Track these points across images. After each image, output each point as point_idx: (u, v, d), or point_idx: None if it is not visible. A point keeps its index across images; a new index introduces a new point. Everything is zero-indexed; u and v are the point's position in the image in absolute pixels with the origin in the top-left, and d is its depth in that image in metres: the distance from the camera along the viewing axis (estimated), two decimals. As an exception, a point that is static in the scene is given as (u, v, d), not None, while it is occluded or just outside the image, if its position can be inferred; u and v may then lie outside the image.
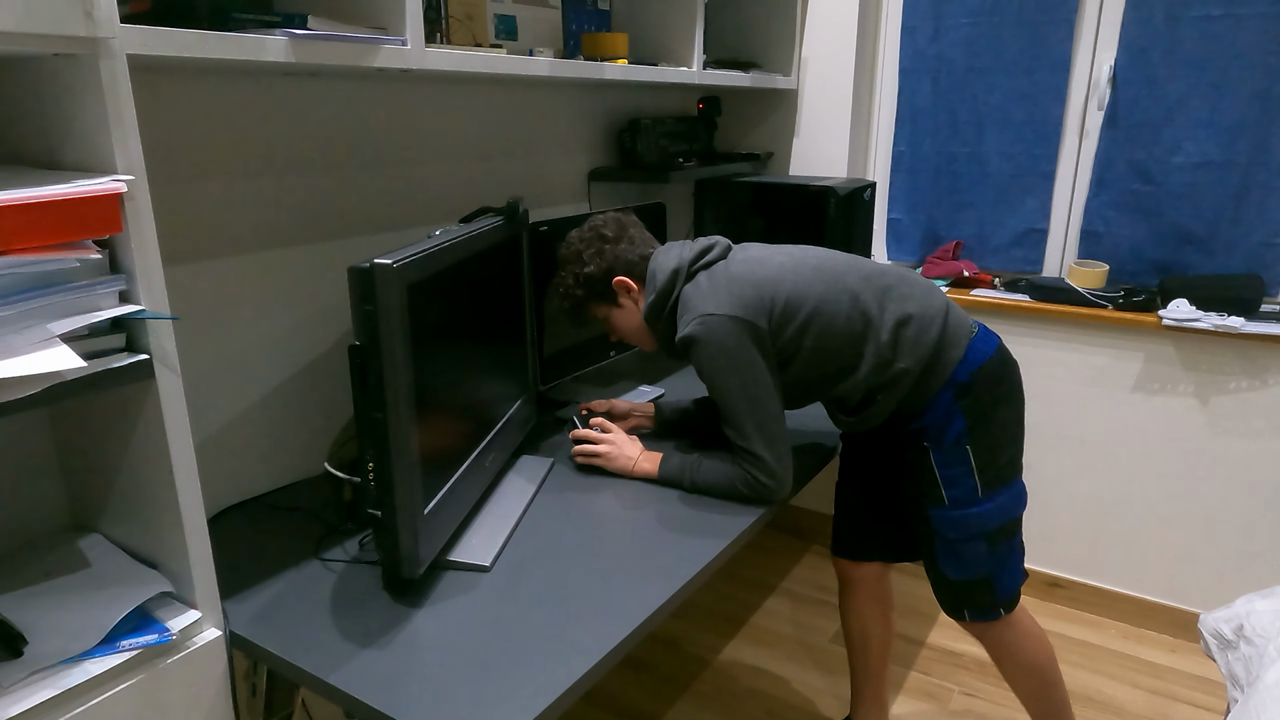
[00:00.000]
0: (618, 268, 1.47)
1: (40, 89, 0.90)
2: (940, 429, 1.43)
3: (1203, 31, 2.03)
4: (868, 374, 1.41)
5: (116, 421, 1.02)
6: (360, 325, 1.06)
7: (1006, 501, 1.45)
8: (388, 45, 1.17)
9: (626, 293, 1.49)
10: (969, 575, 1.49)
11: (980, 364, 1.42)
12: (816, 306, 1.38)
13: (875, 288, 1.42)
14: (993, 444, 1.43)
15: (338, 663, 1.02)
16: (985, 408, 1.42)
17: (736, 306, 1.35)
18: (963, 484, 1.43)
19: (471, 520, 1.37)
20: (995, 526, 1.45)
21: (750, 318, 1.35)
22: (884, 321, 1.40)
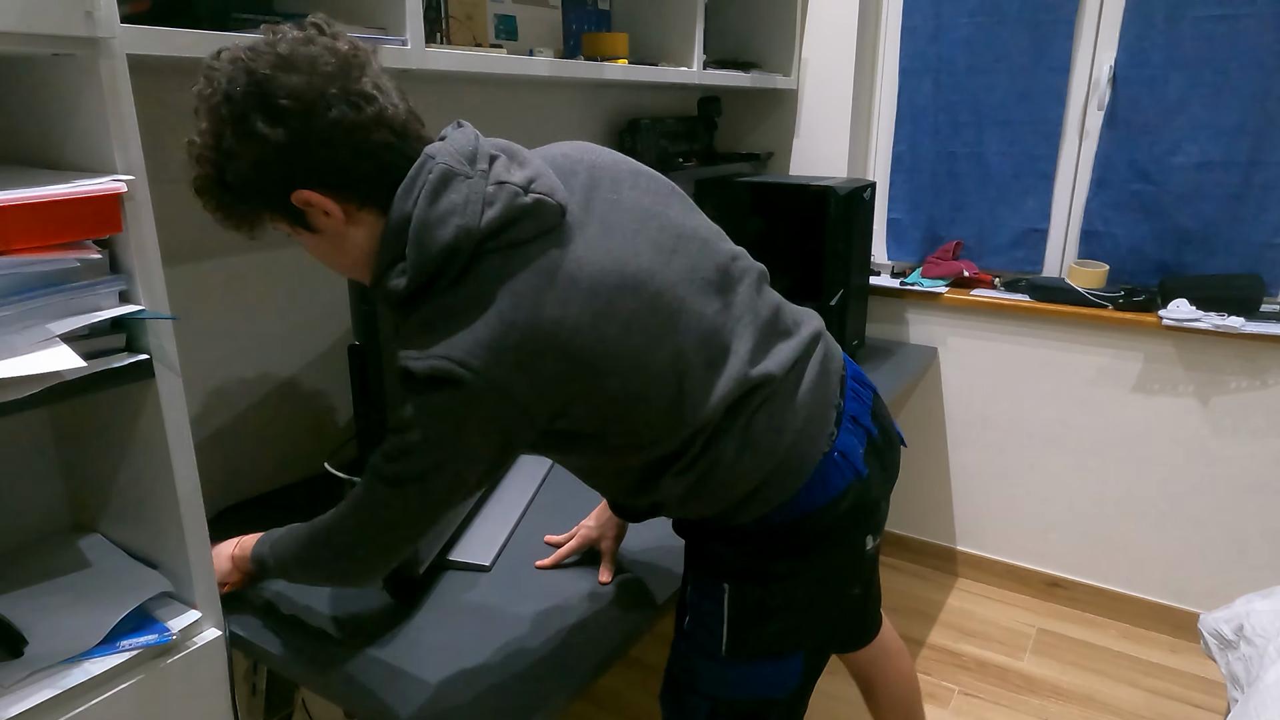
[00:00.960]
0: (306, 176, 0.82)
1: (40, 89, 0.90)
2: (701, 544, 1.04)
3: (1203, 31, 2.03)
4: (652, 497, 0.98)
5: (116, 422, 1.02)
6: (360, 325, 1.06)
7: (759, 677, 1.03)
8: (388, 45, 1.17)
9: (325, 215, 0.85)
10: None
11: (793, 519, 0.96)
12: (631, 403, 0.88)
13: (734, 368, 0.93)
14: (763, 605, 0.99)
15: (338, 663, 1.02)
16: (769, 561, 0.99)
17: (495, 354, 0.80)
18: (706, 626, 1.02)
19: (471, 520, 1.37)
20: (727, 697, 1.04)
21: (510, 379, 0.81)
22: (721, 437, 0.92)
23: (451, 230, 0.82)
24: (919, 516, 2.67)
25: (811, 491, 0.96)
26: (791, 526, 0.97)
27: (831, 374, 1.02)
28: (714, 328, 0.93)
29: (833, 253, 2.13)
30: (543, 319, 0.82)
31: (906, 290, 2.46)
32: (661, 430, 0.91)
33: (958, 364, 2.48)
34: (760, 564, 0.99)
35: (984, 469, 2.52)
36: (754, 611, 1.00)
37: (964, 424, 2.52)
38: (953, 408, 2.52)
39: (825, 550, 1.00)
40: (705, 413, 0.91)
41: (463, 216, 0.82)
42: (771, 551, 0.98)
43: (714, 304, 0.94)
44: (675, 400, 0.90)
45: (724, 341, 0.94)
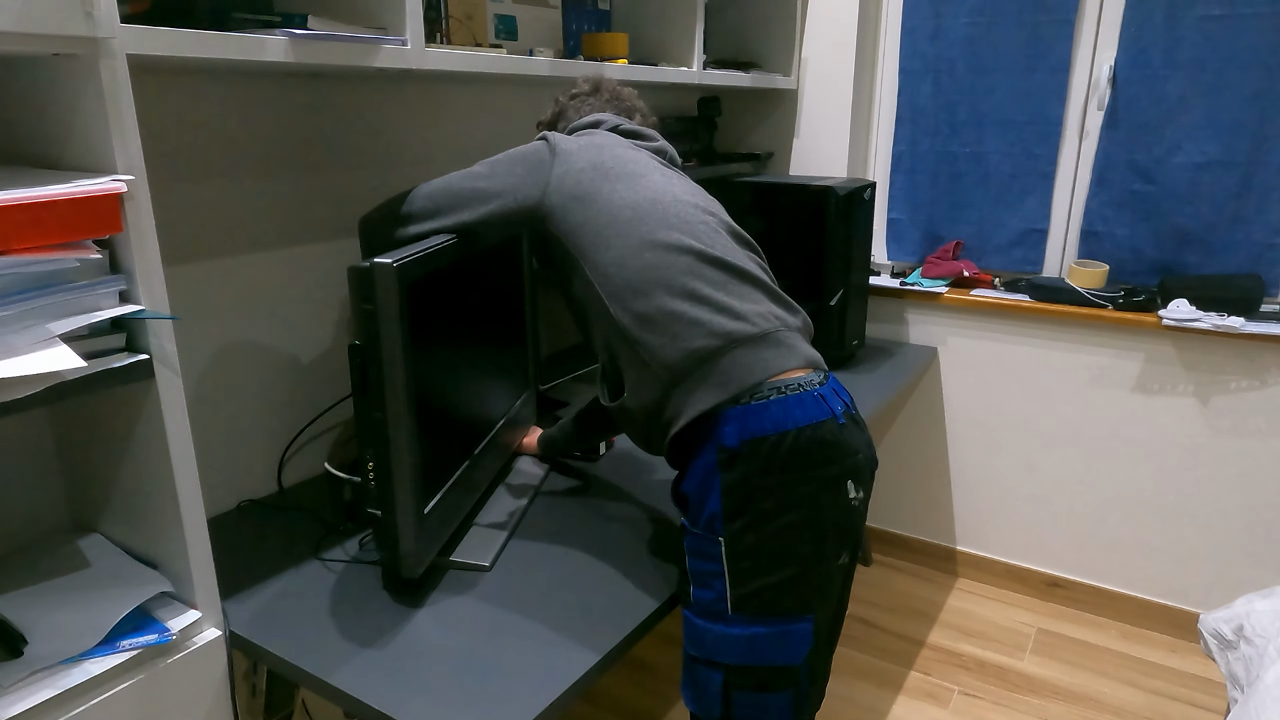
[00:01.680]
0: (558, 122, 1.39)
1: (40, 89, 0.90)
2: (696, 501, 1.07)
3: (1203, 31, 2.03)
4: (610, 339, 1.14)
5: (116, 421, 1.02)
6: (360, 325, 1.06)
7: (765, 638, 1.05)
8: (388, 45, 1.17)
9: None
10: (701, 711, 1.11)
11: (768, 433, 1.02)
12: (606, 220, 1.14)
13: (687, 263, 1.11)
14: (758, 549, 1.03)
15: (338, 663, 1.02)
16: (756, 496, 1.03)
17: (565, 146, 1.20)
18: (710, 586, 1.06)
19: (471, 520, 1.37)
20: (737, 662, 1.06)
21: (557, 156, 1.18)
22: (650, 299, 1.09)
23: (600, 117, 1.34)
24: (919, 516, 2.67)
25: (789, 408, 1.05)
26: (766, 444, 1.03)
27: (810, 347, 1.16)
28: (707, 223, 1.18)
29: (833, 253, 2.13)
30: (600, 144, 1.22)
31: (906, 290, 2.46)
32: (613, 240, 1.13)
33: (958, 364, 2.48)
34: (748, 498, 1.04)
35: (984, 469, 2.52)
36: (750, 556, 1.04)
37: (964, 424, 2.52)
38: (953, 408, 2.52)
39: (803, 478, 1.04)
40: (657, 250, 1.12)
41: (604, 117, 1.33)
42: (757, 481, 1.03)
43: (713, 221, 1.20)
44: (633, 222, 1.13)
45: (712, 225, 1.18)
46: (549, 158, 1.19)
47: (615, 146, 1.22)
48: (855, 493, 1.09)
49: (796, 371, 1.09)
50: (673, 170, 1.27)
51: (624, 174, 1.17)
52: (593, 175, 1.17)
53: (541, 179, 1.17)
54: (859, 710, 2.05)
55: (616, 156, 1.20)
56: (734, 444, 1.04)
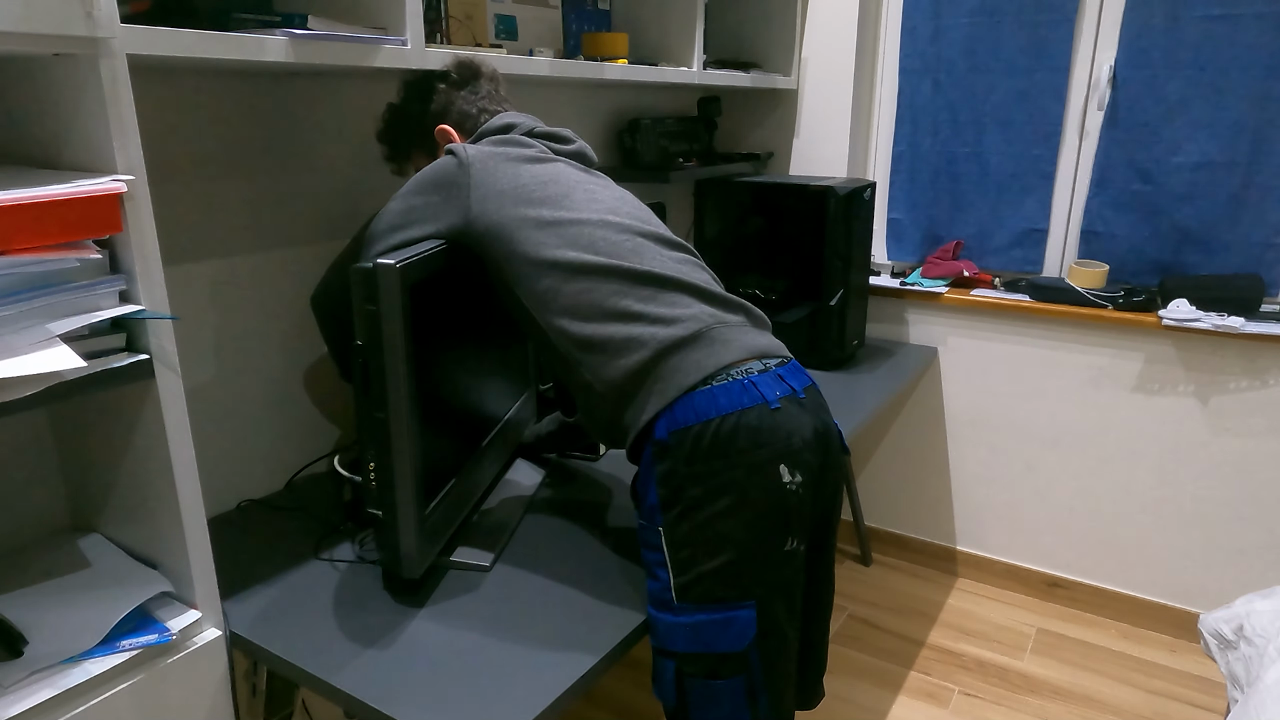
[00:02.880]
0: (446, 115, 1.28)
1: (40, 89, 0.90)
2: (640, 494, 1.11)
3: (1203, 31, 2.03)
4: (555, 363, 1.16)
5: (117, 421, 1.02)
6: (361, 325, 1.06)
7: (708, 625, 1.05)
8: (388, 45, 1.17)
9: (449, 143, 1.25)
10: (662, 699, 1.12)
11: (692, 422, 1.04)
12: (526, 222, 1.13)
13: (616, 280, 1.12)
14: (693, 538, 1.05)
15: (338, 663, 1.02)
16: (685, 484, 1.05)
17: (476, 155, 1.15)
18: (657, 576, 1.08)
19: (471, 520, 1.37)
20: (686, 650, 1.07)
21: (469, 169, 1.14)
22: (602, 305, 1.11)
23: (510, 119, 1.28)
24: (919, 516, 2.67)
25: (715, 397, 1.06)
26: (691, 434, 1.05)
27: (758, 337, 1.15)
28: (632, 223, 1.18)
29: (833, 253, 2.13)
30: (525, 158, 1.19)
31: (906, 290, 2.46)
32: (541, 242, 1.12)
33: (958, 364, 2.48)
34: (679, 487, 1.06)
35: (984, 469, 2.52)
36: (687, 544, 1.06)
37: (964, 424, 2.52)
38: (953, 408, 2.52)
39: (727, 464, 1.05)
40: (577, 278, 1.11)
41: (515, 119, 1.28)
42: (685, 470, 1.05)
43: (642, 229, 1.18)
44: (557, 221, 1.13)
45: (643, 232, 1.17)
46: (465, 180, 1.14)
47: (532, 164, 1.18)
48: (791, 476, 1.07)
49: (735, 364, 1.09)
50: (593, 177, 1.24)
51: (546, 198, 1.15)
52: (514, 201, 1.14)
53: (460, 206, 1.14)
54: (859, 710, 2.05)
55: (535, 176, 1.16)
56: (663, 436, 1.07)
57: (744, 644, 1.07)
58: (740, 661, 1.07)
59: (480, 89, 1.29)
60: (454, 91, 1.28)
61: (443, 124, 1.27)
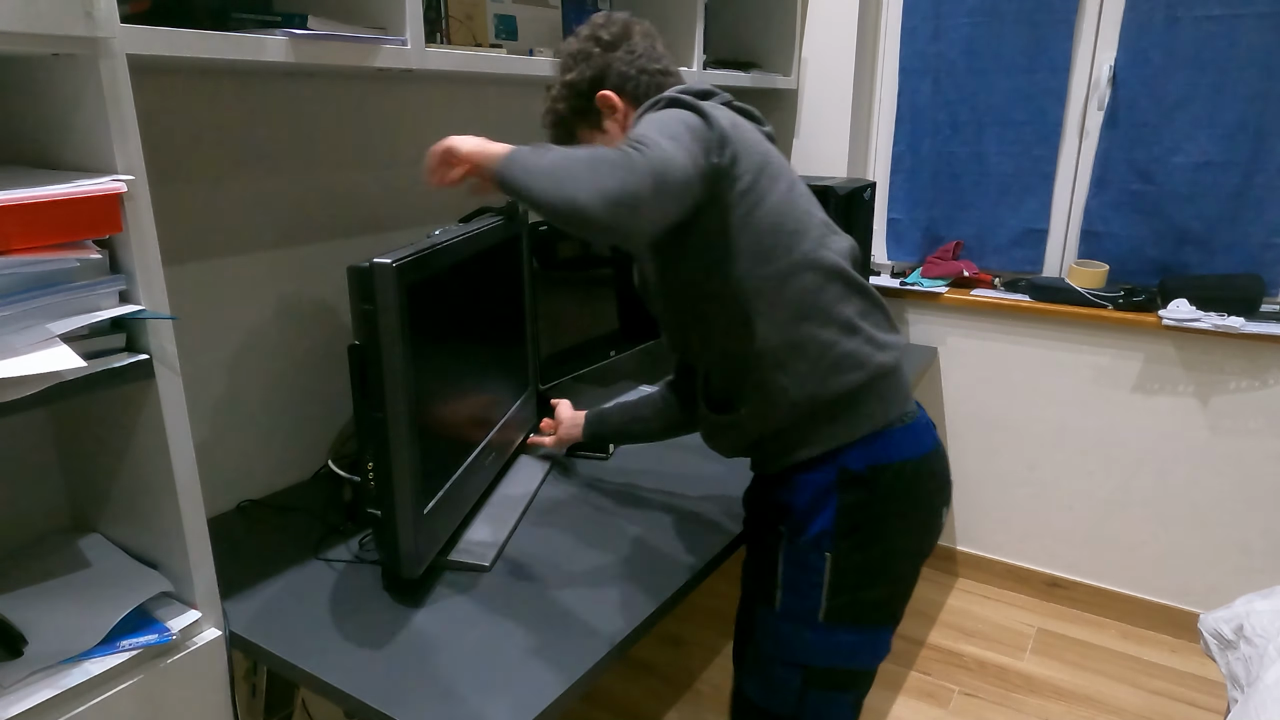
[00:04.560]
0: (607, 79, 1.14)
1: (40, 89, 0.90)
2: (803, 515, 1.08)
3: (1203, 31, 2.03)
4: (747, 355, 1.06)
5: (116, 421, 1.02)
6: (360, 325, 1.06)
7: (852, 645, 1.10)
8: (388, 45, 1.17)
9: (611, 112, 1.16)
10: (770, 706, 1.15)
11: (890, 461, 1.05)
12: (759, 229, 1.03)
13: (840, 286, 1.07)
14: (863, 568, 1.07)
15: (338, 663, 1.02)
16: (873, 519, 1.06)
17: (721, 118, 1.02)
18: (805, 595, 1.08)
19: (471, 520, 1.37)
20: (822, 665, 1.11)
21: (719, 134, 1.01)
22: (797, 320, 1.04)
23: (701, 87, 1.13)
24: (919, 516, 2.67)
25: (910, 437, 1.07)
26: (888, 470, 1.05)
27: (906, 377, 1.15)
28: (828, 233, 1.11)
29: (833, 253, 2.13)
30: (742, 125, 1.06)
31: (906, 290, 2.46)
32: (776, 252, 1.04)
33: (958, 364, 2.48)
34: (866, 520, 1.06)
35: (984, 469, 2.52)
36: (854, 571, 1.07)
37: (964, 424, 2.52)
38: (953, 408, 2.52)
39: (917, 509, 1.09)
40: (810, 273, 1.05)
41: (708, 87, 1.13)
42: (878, 507, 1.05)
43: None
44: (800, 234, 1.05)
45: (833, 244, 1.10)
46: (722, 134, 1.00)
47: (755, 132, 1.07)
48: (944, 517, 1.16)
49: (908, 396, 1.12)
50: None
51: (780, 174, 1.05)
52: (761, 167, 1.03)
53: (727, 152, 1.01)
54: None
55: (766, 151, 1.05)
56: (859, 468, 1.05)
57: (877, 662, 1.13)
58: (868, 676, 1.14)
59: (636, 47, 1.16)
60: (609, 54, 1.16)
61: (603, 89, 1.16)
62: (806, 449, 1.08)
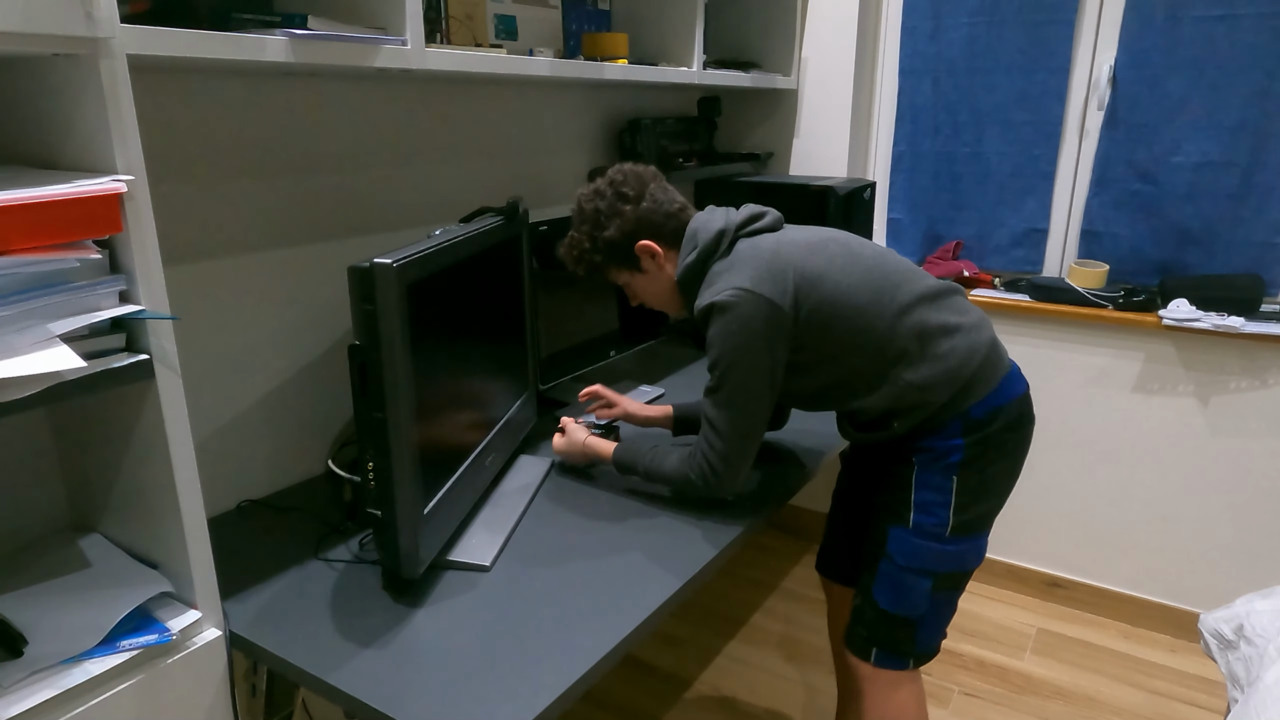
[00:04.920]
0: (642, 231, 1.36)
1: (40, 89, 0.90)
2: (935, 452, 1.33)
3: (1203, 31, 2.03)
4: (889, 398, 1.32)
5: (116, 421, 1.02)
6: (360, 325, 1.06)
7: (967, 551, 1.35)
8: (388, 45, 1.17)
9: (651, 257, 1.38)
10: (900, 610, 1.37)
11: (1001, 404, 1.32)
12: (853, 318, 1.28)
13: (923, 309, 1.31)
14: (979, 487, 1.33)
15: (338, 663, 1.02)
16: (988, 449, 1.32)
17: (774, 288, 1.25)
18: (934, 514, 1.33)
19: (471, 520, 1.37)
20: (946, 570, 1.35)
21: (783, 304, 1.25)
22: (921, 351, 1.29)
23: (719, 223, 1.36)
24: (919, 516, 2.67)
25: (1012, 382, 1.35)
26: (1002, 411, 1.32)
27: (997, 338, 1.39)
28: (891, 272, 1.33)
29: (833, 253, 2.13)
30: (778, 254, 1.30)
31: (906, 290, 2.45)
32: (873, 328, 1.28)
33: (958, 364, 2.48)
34: (984, 451, 1.32)
35: (984, 469, 2.52)
36: (972, 491, 1.33)
37: (964, 424, 2.52)
38: (953, 408, 2.52)
39: (1018, 438, 1.35)
40: (905, 317, 1.29)
41: (723, 221, 1.36)
42: (993, 439, 1.32)
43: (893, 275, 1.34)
44: (879, 301, 1.29)
45: (897, 282, 1.32)
46: (778, 313, 1.26)
47: (779, 253, 1.30)
48: (1031, 442, 1.45)
49: (1004, 350, 1.38)
50: (808, 230, 1.38)
51: (825, 279, 1.28)
52: (815, 306, 1.28)
53: (788, 333, 1.28)
54: (859, 710, 2.05)
55: (817, 274, 1.29)
56: (981, 415, 1.31)
57: (980, 562, 1.39)
58: (969, 576, 1.40)
59: (656, 195, 1.38)
60: (638, 207, 1.37)
61: (641, 240, 1.37)
62: (945, 417, 1.32)
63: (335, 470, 1.40)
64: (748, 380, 1.27)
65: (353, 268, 1.04)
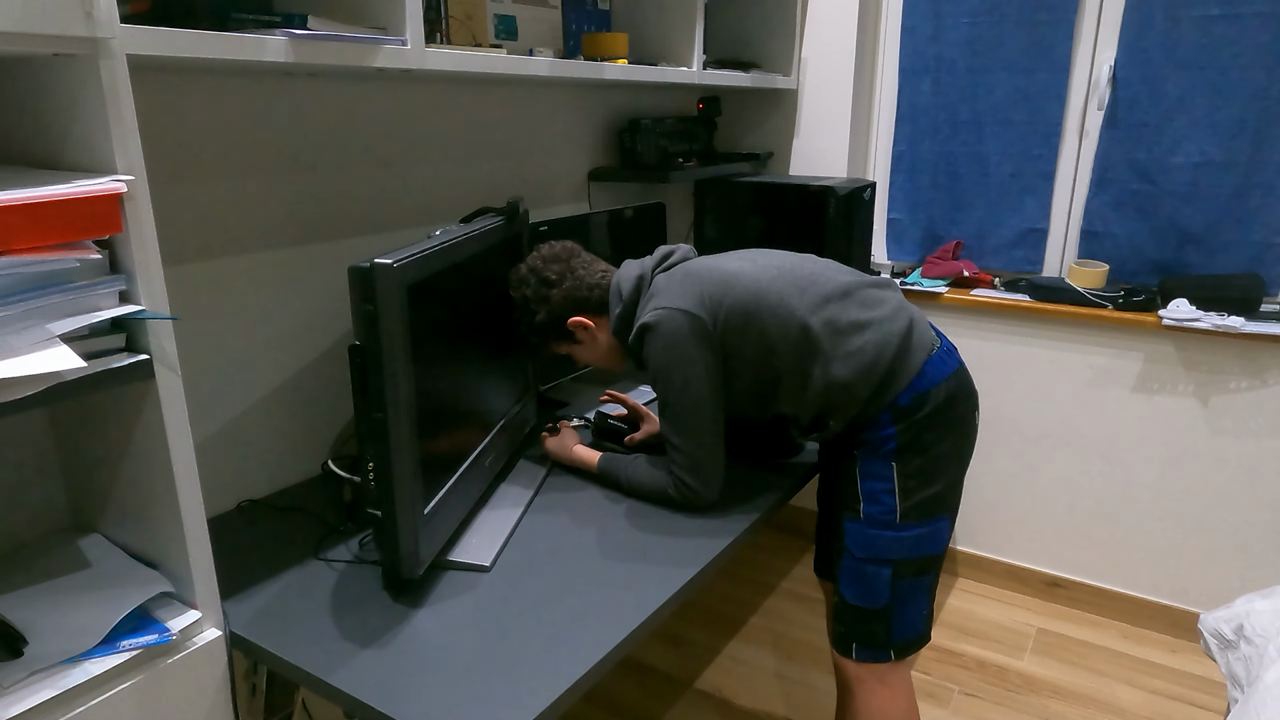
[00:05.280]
0: (569, 309, 1.44)
1: (40, 89, 0.90)
2: (872, 443, 1.37)
3: (1203, 31, 2.03)
4: (818, 398, 1.36)
5: (116, 422, 1.02)
6: (360, 325, 1.06)
7: (923, 535, 1.37)
8: (388, 45, 1.17)
9: (584, 329, 1.45)
10: (867, 602, 1.40)
11: (927, 388, 1.34)
12: (765, 320, 1.33)
13: (832, 307, 1.35)
14: (921, 470, 1.35)
15: (338, 663, 1.02)
16: (921, 430, 1.34)
17: (689, 301, 1.33)
18: (881, 501, 1.36)
19: (471, 520, 1.37)
20: (904, 556, 1.38)
21: (700, 313, 1.32)
22: (834, 349, 1.33)
23: (635, 270, 1.44)
24: (919, 516, 2.67)
25: (937, 365, 1.36)
26: (929, 396, 1.34)
27: (916, 314, 1.42)
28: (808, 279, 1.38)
29: (833, 253, 2.13)
30: (689, 273, 1.38)
31: (906, 290, 2.46)
32: (787, 330, 1.33)
33: (958, 364, 2.48)
34: (917, 435, 1.34)
35: (984, 468, 2.52)
36: (914, 476, 1.35)
37: (964, 424, 2.52)
38: (953, 408, 2.52)
39: (953, 417, 1.36)
40: (814, 317, 1.34)
41: (639, 268, 1.44)
42: (924, 423, 1.34)
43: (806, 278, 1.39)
44: (787, 304, 1.33)
45: (820, 291, 1.37)
46: (697, 322, 1.32)
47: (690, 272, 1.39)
48: (977, 419, 1.44)
49: (927, 333, 1.39)
50: (718, 256, 1.45)
51: (724, 284, 1.35)
52: (727, 329, 1.34)
53: (712, 339, 1.34)
54: (859, 710, 2.05)
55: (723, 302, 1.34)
56: (907, 402, 1.33)
57: (943, 546, 1.42)
58: (939, 559, 1.42)
59: (576, 271, 1.45)
60: (561, 287, 1.43)
61: (571, 318, 1.44)
62: (873, 411, 1.35)
63: (335, 470, 1.40)
64: (688, 388, 1.33)
65: (353, 268, 1.04)
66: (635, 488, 1.44)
